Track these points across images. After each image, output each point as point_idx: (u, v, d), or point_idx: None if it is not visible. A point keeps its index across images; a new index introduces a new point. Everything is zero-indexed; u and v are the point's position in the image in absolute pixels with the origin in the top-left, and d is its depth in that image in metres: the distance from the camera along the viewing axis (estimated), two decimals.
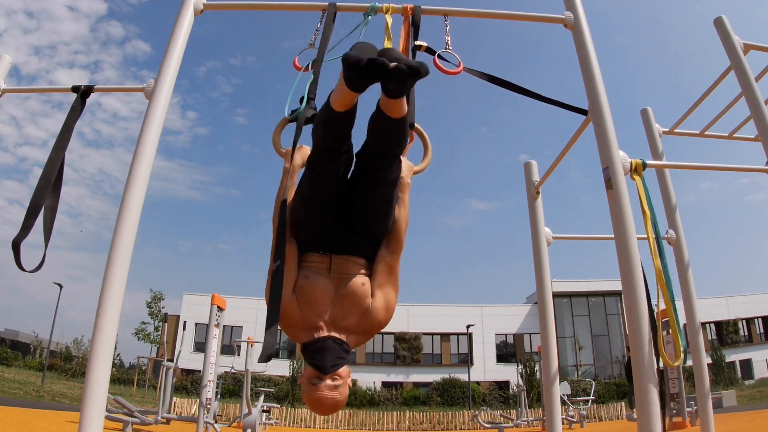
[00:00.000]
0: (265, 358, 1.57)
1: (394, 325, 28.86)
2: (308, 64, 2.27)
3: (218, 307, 6.83)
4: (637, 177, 2.53)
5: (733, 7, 51.75)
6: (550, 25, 2.64)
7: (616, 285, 26.18)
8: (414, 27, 2.45)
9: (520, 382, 15.28)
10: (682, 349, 2.36)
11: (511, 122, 55.99)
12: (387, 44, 2.36)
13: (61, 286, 20.78)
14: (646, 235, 2.46)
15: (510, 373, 26.73)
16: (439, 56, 2.37)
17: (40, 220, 2.27)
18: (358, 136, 1.77)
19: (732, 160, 3.41)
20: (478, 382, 27.40)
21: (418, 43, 2.38)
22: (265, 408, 9.61)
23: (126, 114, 49.99)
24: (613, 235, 2.23)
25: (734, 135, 3.96)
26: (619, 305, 30.50)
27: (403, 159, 1.95)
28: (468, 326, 27.08)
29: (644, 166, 2.54)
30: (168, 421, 7.29)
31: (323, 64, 2.27)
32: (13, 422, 5.71)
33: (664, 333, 7.15)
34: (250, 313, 28.85)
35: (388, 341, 29.81)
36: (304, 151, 1.94)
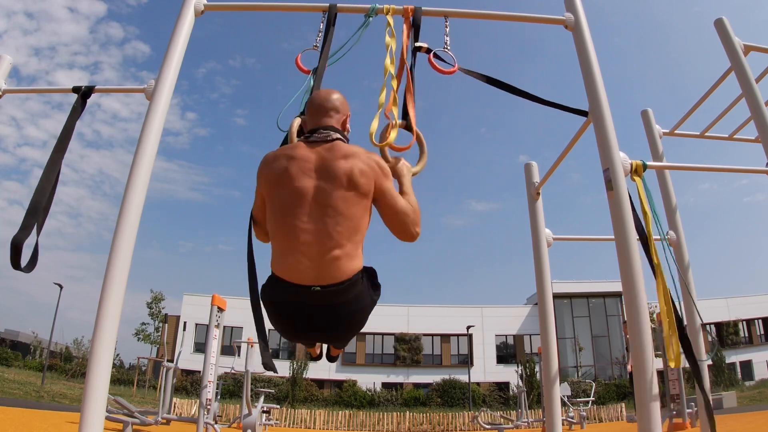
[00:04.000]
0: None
1: (395, 326, 28.88)
2: (314, 69, 2.28)
3: (218, 307, 6.83)
4: (637, 178, 2.53)
5: (733, 8, 51.82)
6: (551, 26, 2.64)
7: (617, 286, 26.19)
8: (415, 28, 2.45)
9: (520, 383, 15.26)
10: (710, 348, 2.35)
11: (510, 123, 56.07)
12: (390, 44, 2.36)
13: (61, 287, 20.77)
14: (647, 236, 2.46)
15: (510, 374, 26.71)
16: (435, 55, 2.38)
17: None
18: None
19: (731, 161, 3.41)
20: (478, 383, 27.39)
21: (418, 44, 2.39)
22: (265, 409, 9.60)
23: (126, 115, 50.09)
24: (613, 236, 2.23)
25: (734, 136, 3.96)
26: (619, 306, 30.48)
27: (402, 162, 1.96)
28: (468, 327, 27.06)
29: (644, 167, 2.54)
30: (168, 421, 7.28)
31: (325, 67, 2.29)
32: (13, 422, 5.71)
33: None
34: (250, 314, 28.56)
35: (389, 342, 29.81)
36: None
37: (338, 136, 1.78)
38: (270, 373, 22.38)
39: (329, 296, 1.65)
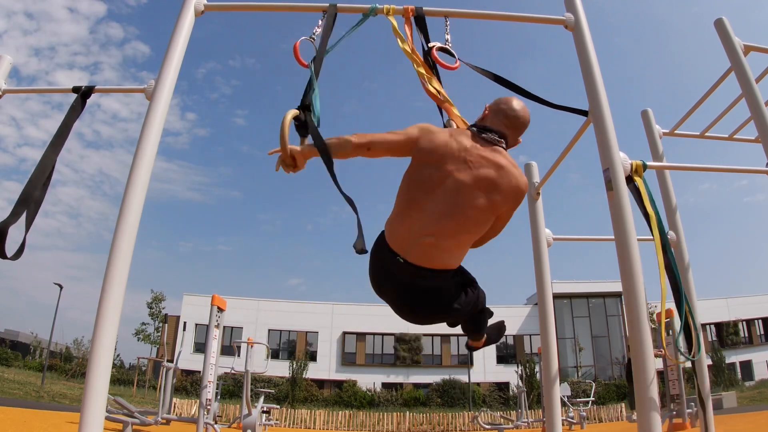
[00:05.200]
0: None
1: (395, 326, 28.86)
2: (312, 59, 2.23)
3: (218, 307, 6.82)
4: (637, 178, 2.53)
5: (733, 8, 51.85)
6: (551, 26, 2.64)
7: (617, 286, 26.17)
8: (420, 28, 2.45)
9: (520, 383, 15.26)
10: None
11: None
12: (401, 45, 2.35)
13: (61, 287, 20.74)
14: (648, 237, 2.46)
15: (510, 374, 26.71)
16: (439, 50, 2.38)
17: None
18: None
19: (731, 161, 3.41)
20: (478, 383, 27.38)
21: (431, 44, 2.38)
22: (264, 409, 9.60)
23: (126, 115, 50.10)
24: (613, 237, 2.23)
25: (734, 136, 3.96)
26: (619, 306, 30.47)
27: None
28: None
29: (644, 167, 2.54)
30: (168, 421, 7.28)
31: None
32: (13, 422, 5.71)
33: (666, 334, 7.16)
34: (250, 314, 28.84)
35: (389, 342, 29.79)
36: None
37: (504, 145, 1.85)
38: (270, 373, 22.37)
39: (408, 273, 1.74)
